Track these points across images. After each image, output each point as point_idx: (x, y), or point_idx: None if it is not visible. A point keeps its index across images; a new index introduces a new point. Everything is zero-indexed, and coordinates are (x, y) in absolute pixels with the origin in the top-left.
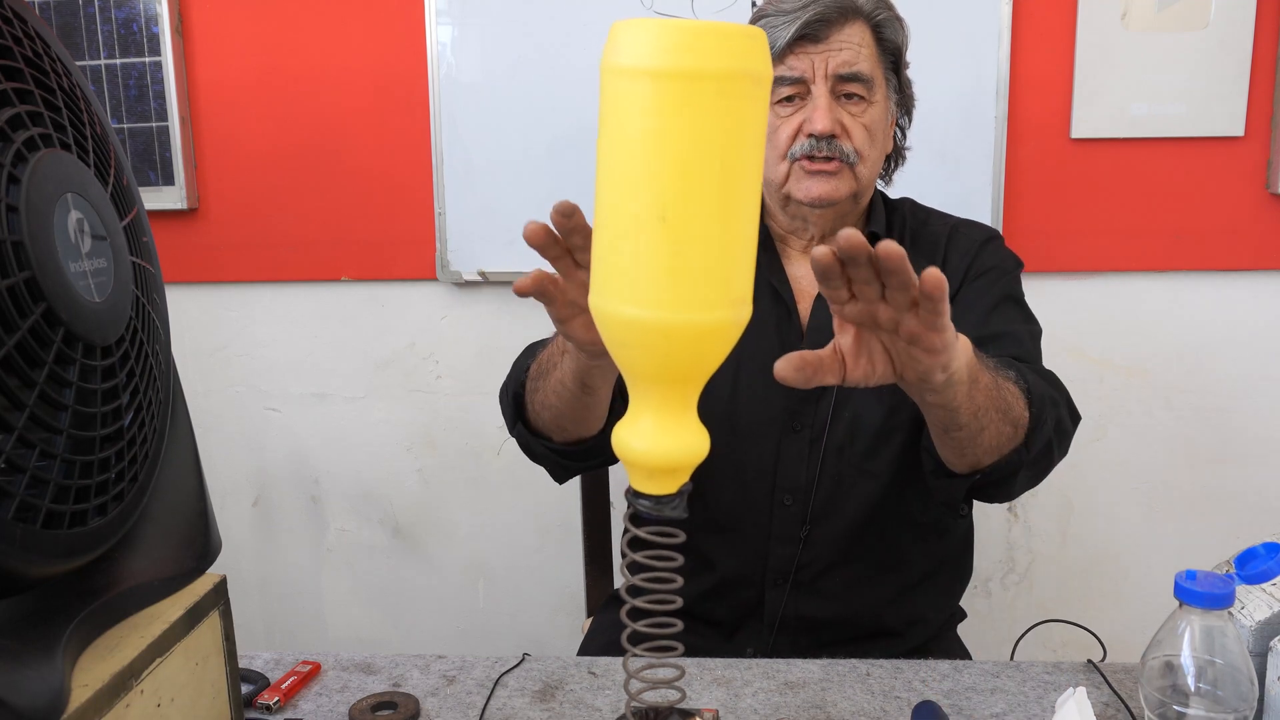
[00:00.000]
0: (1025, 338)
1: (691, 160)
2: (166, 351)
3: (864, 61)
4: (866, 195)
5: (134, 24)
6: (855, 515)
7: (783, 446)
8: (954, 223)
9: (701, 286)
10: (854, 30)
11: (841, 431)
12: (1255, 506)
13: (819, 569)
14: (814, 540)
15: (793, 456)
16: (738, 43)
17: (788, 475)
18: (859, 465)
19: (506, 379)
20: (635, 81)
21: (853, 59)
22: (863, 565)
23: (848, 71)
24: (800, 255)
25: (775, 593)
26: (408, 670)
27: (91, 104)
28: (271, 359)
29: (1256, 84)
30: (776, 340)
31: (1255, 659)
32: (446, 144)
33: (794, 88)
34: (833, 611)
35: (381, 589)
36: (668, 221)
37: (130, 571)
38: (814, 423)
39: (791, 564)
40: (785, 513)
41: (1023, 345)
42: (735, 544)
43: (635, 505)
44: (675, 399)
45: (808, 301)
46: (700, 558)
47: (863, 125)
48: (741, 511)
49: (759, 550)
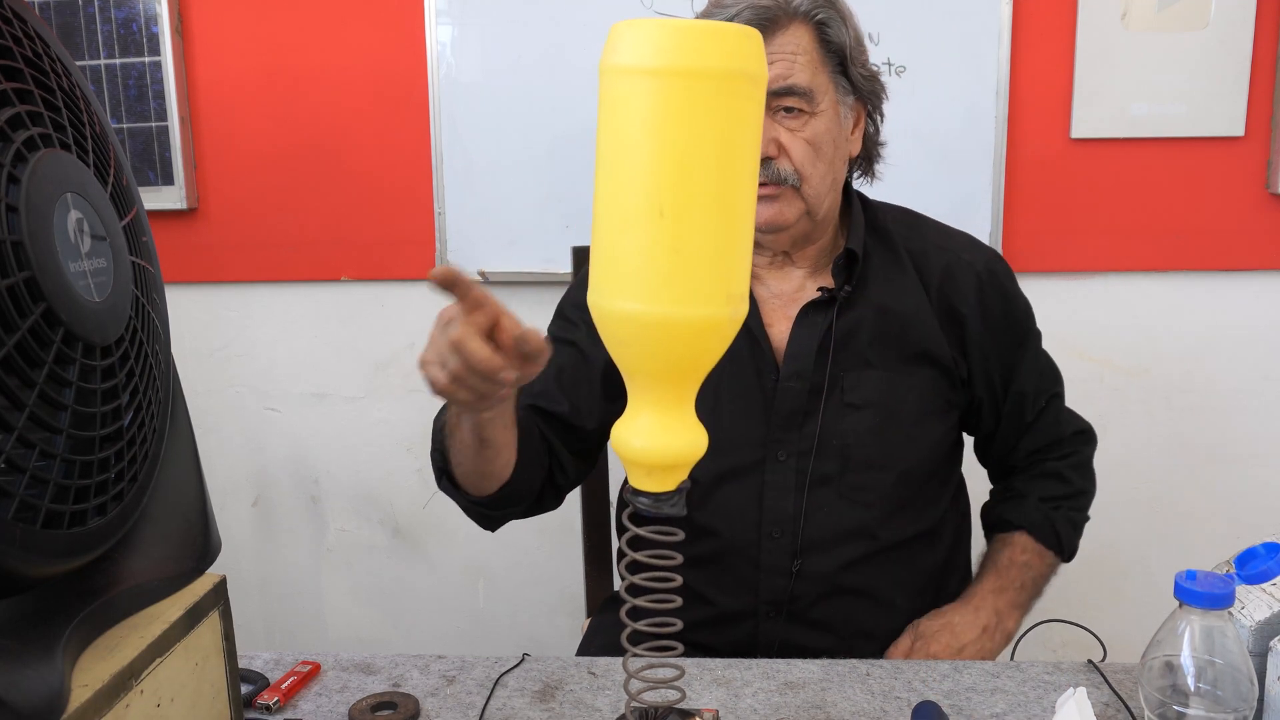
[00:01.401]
0: (1051, 392)
1: (689, 157)
2: (166, 351)
3: (801, 71)
4: (822, 211)
5: (134, 24)
6: (846, 546)
7: (767, 476)
8: (951, 253)
9: (700, 281)
10: (789, 37)
11: (830, 461)
12: (1255, 506)
13: (811, 599)
14: (805, 573)
15: (778, 486)
16: (734, 42)
17: (773, 506)
18: (849, 496)
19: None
20: (634, 80)
21: (786, 71)
22: (856, 595)
23: (781, 85)
24: (768, 272)
25: (769, 624)
26: (408, 670)
27: (91, 104)
28: (271, 359)
29: (1256, 84)
30: (751, 367)
31: (1255, 659)
32: (446, 144)
33: None
34: (829, 641)
35: (381, 589)
36: (666, 217)
37: (130, 571)
38: (799, 450)
39: (784, 595)
40: (774, 544)
41: (1054, 410)
42: (726, 577)
43: (634, 503)
44: (673, 396)
45: (784, 325)
46: (692, 591)
47: (804, 141)
48: (730, 544)
49: (750, 582)
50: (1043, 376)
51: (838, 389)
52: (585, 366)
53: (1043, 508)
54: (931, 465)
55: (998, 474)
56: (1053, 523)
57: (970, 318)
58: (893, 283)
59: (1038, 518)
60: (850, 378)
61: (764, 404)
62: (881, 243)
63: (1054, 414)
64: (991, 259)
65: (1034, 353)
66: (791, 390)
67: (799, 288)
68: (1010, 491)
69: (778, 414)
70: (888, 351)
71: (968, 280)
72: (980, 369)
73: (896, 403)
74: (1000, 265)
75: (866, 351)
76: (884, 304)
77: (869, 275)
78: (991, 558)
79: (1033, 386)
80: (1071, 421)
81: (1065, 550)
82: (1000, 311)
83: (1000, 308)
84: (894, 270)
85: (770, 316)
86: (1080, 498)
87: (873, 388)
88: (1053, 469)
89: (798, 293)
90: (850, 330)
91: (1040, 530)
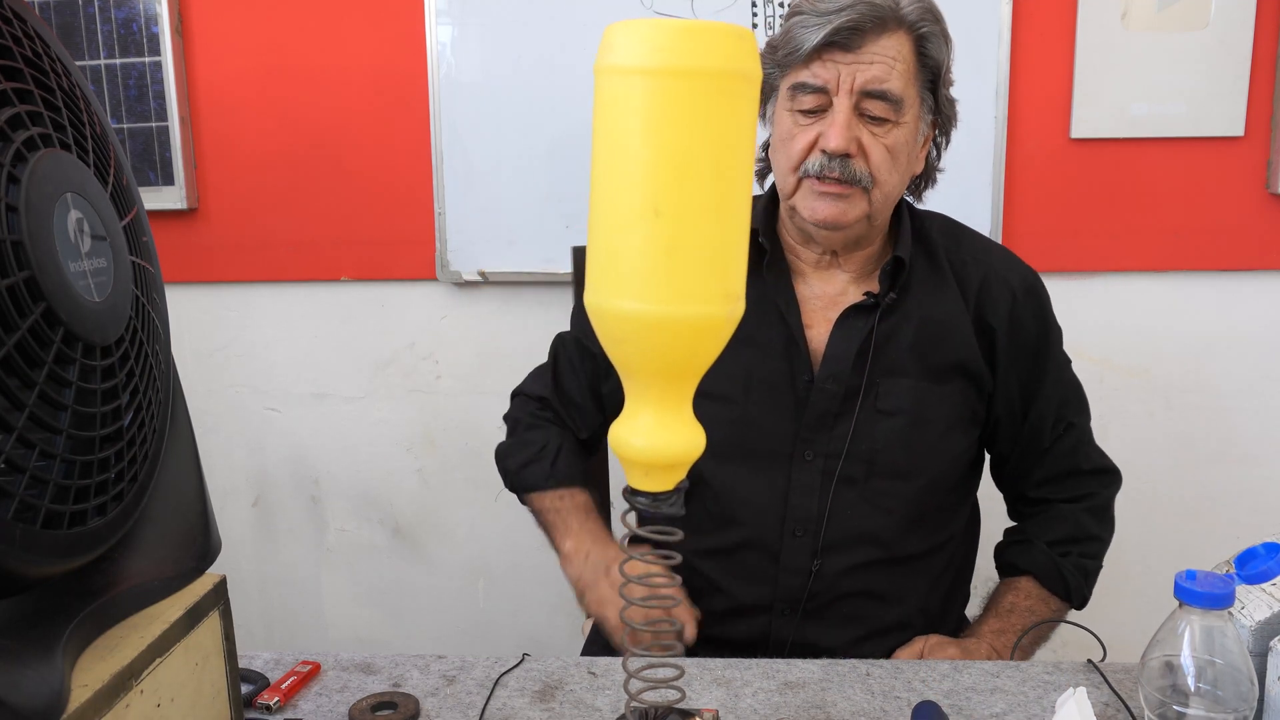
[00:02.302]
0: (1069, 421)
1: (684, 156)
2: (166, 351)
3: (896, 79)
4: (882, 218)
5: (134, 24)
6: (863, 549)
7: (793, 475)
8: (989, 266)
9: (696, 280)
10: (892, 42)
11: (857, 465)
12: (1255, 506)
13: (827, 599)
14: (824, 573)
15: (803, 486)
16: (727, 42)
17: (799, 505)
18: (873, 501)
19: (506, 454)
20: (629, 80)
21: (884, 75)
22: (870, 595)
23: (876, 88)
24: (813, 272)
25: (782, 621)
26: (408, 670)
27: (91, 104)
28: (271, 359)
29: (1256, 84)
30: (785, 366)
31: (1255, 659)
32: (446, 144)
33: (816, 97)
34: (839, 639)
35: (381, 589)
36: (662, 216)
37: (130, 572)
38: (827, 451)
39: (800, 593)
40: (795, 543)
41: (1072, 438)
42: (744, 570)
43: (633, 504)
44: (671, 395)
45: (823, 326)
46: (709, 581)
47: (884, 146)
48: (751, 540)
49: (769, 578)
50: (1065, 404)
51: (873, 394)
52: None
53: (1051, 553)
54: (955, 478)
55: (1013, 501)
56: (1060, 569)
57: (999, 332)
58: (934, 292)
59: (1045, 563)
60: (885, 384)
61: (795, 403)
62: (926, 252)
63: (1072, 443)
64: (1029, 278)
65: (1056, 378)
66: (826, 392)
67: (841, 291)
68: (1020, 535)
69: (810, 414)
70: (924, 361)
71: (1002, 295)
72: (1002, 385)
73: (928, 412)
74: (1038, 286)
75: (904, 359)
76: (925, 313)
77: (912, 283)
78: (995, 600)
79: (1052, 411)
80: (1093, 457)
81: (1074, 597)
82: (1028, 331)
83: (1030, 328)
84: (936, 280)
85: (810, 318)
86: (1092, 543)
87: (906, 396)
88: (1067, 512)
89: (840, 296)
90: (889, 337)
91: (1047, 577)
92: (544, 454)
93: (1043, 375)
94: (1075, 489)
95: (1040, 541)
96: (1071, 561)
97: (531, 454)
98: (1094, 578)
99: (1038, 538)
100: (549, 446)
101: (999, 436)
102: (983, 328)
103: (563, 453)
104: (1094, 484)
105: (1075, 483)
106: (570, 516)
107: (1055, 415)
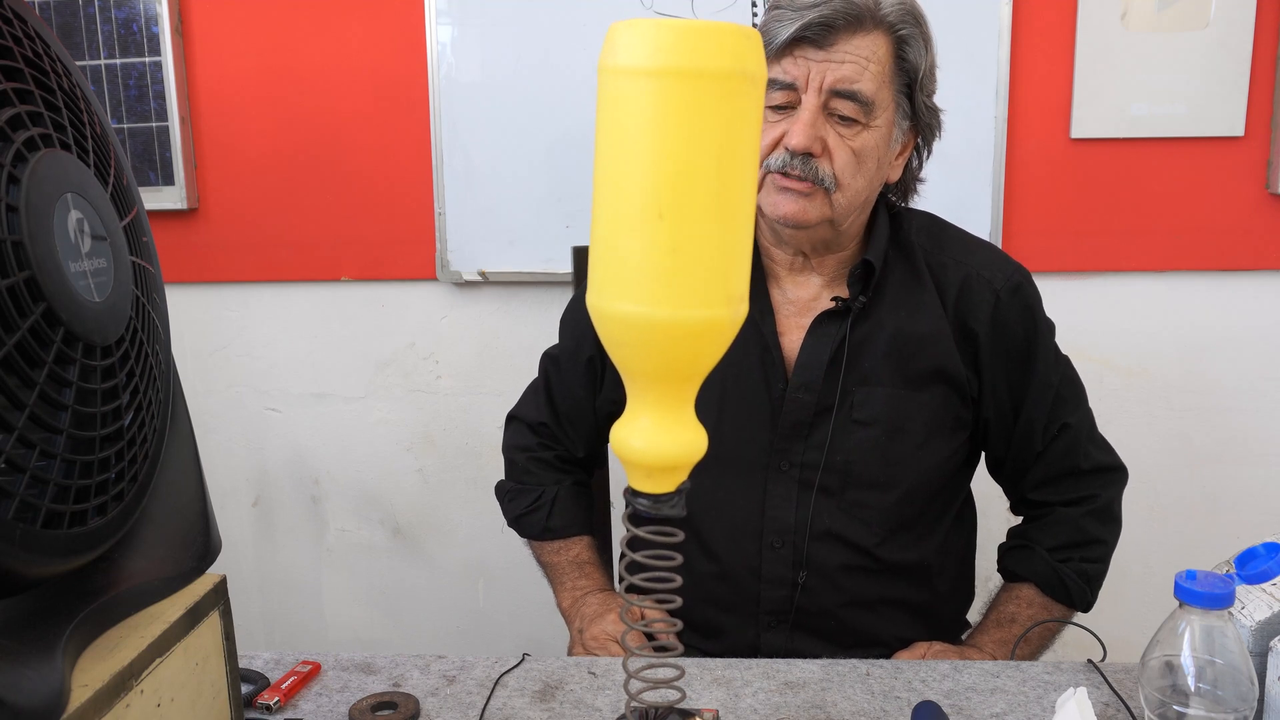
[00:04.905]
0: (1064, 421)
1: (688, 158)
2: (166, 351)
3: (868, 80)
4: (847, 221)
5: (134, 24)
6: (847, 559)
7: (769, 486)
8: (970, 267)
9: (699, 283)
10: (866, 42)
11: (833, 475)
12: (1255, 506)
13: (813, 611)
14: (809, 585)
15: (780, 497)
16: (733, 42)
17: (775, 516)
18: (850, 511)
19: (504, 496)
20: (633, 81)
21: (854, 75)
22: (858, 607)
23: (845, 88)
24: (787, 275)
25: (770, 635)
26: (408, 670)
27: (91, 104)
28: (271, 359)
29: (1256, 84)
30: (760, 373)
31: (1255, 659)
32: (446, 144)
33: (785, 94)
34: (829, 652)
35: (381, 589)
36: (665, 219)
37: (130, 572)
38: (803, 462)
39: (786, 606)
40: (774, 555)
41: (1067, 439)
42: (727, 586)
43: (634, 504)
44: (673, 397)
45: (797, 333)
46: (693, 598)
47: (850, 149)
48: (732, 553)
49: (751, 593)
50: (1059, 403)
51: (847, 404)
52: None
53: (1051, 560)
54: (937, 484)
55: (1015, 501)
56: (1061, 577)
57: (982, 336)
58: (910, 298)
59: (1046, 571)
60: (860, 393)
61: (771, 412)
62: (903, 256)
63: (1067, 444)
64: (1015, 276)
65: (1045, 378)
66: (799, 402)
67: (815, 296)
68: (1022, 539)
69: (784, 424)
70: (900, 368)
71: (985, 297)
72: (989, 389)
73: (905, 421)
74: (1025, 284)
75: (879, 367)
76: (899, 319)
77: (886, 288)
78: (996, 608)
79: (1044, 413)
80: (1094, 455)
81: (1077, 602)
82: (1014, 333)
83: (1015, 329)
84: (913, 285)
85: (784, 324)
86: (1095, 547)
87: (881, 405)
88: (1068, 517)
89: (813, 301)
90: (863, 344)
91: (1049, 585)
92: (540, 505)
93: (1031, 375)
94: (1076, 490)
95: (1041, 548)
96: (1073, 567)
97: (528, 504)
98: (1098, 582)
99: (1038, 544)
100: (544, 496)
101: (991, 438)
102: (965, 332)
103: (558, 504)
104: (1096, 484)
105: (1075, 484)
106: (565, 573)
107: (1048, 417)
